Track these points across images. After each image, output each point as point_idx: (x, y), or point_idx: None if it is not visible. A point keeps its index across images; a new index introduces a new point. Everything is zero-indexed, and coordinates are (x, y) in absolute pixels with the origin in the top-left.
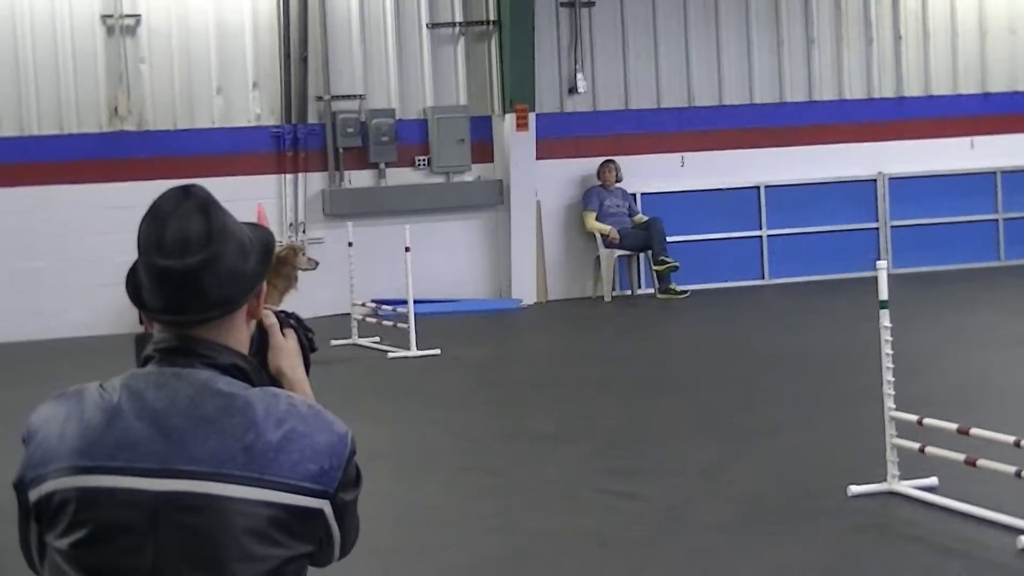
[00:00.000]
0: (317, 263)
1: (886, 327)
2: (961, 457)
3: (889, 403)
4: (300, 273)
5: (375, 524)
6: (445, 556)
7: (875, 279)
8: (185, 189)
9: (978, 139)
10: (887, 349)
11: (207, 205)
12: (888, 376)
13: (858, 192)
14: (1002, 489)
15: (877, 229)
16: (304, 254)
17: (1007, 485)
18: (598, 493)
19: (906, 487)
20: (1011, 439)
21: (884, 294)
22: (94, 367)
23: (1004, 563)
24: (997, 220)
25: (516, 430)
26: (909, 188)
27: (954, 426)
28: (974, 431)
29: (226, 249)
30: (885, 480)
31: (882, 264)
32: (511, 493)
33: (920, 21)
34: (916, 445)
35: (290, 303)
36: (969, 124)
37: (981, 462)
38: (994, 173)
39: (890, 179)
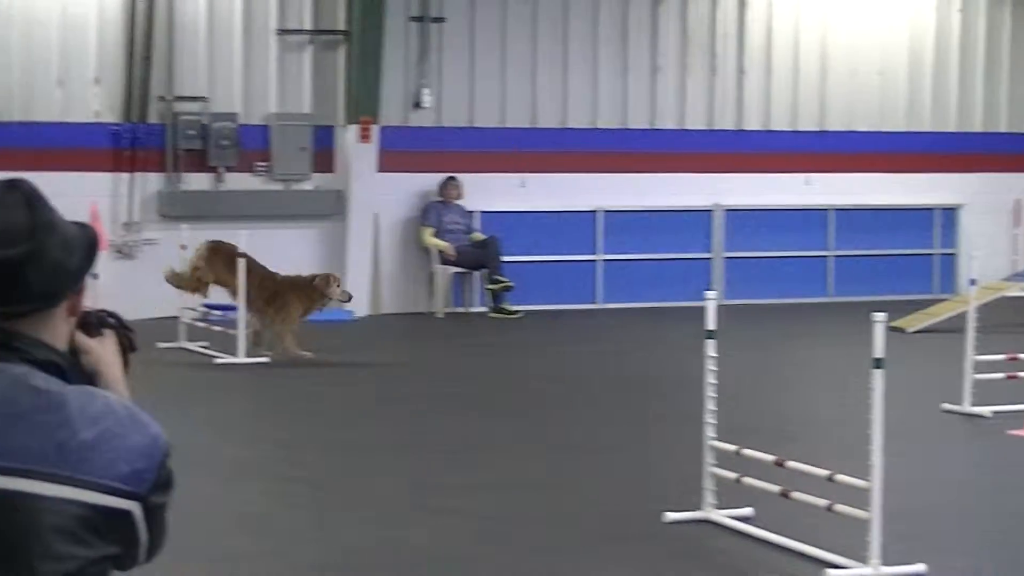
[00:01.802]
0: (351, 296)
1: (711, 357)
2: (777, 489)
3: (709, 432)
4: (140, 275)
5: (191, 530)
6: (257, 565)
7: (705, 308)
8: (11, 182)
9: (814, 176)
10: (711, 378)
11: (32, 199)
12: (710, 405)
13: (694, 221)
14: (815, 521)
15: (711, 259)
16: (339, 285)
17: (820, 518)
18: (422, 508)
19: (721, 516)
20: (825, 473)
21: (711, 324)
22: None
23: None
24: (827, 257)
25: (343, 442)
26: (744, 220)
27: (771, 458)
28: (790, 463)
29: (50, 243)
30: (701, 508)
31: (711, 294)
32: (333, 505)
33: (764, 56)
34: (734, 475)
35: (116, 304)
36: (806, 160)
37: (795, 494)
38: (827, 210)
39: (726, 210)
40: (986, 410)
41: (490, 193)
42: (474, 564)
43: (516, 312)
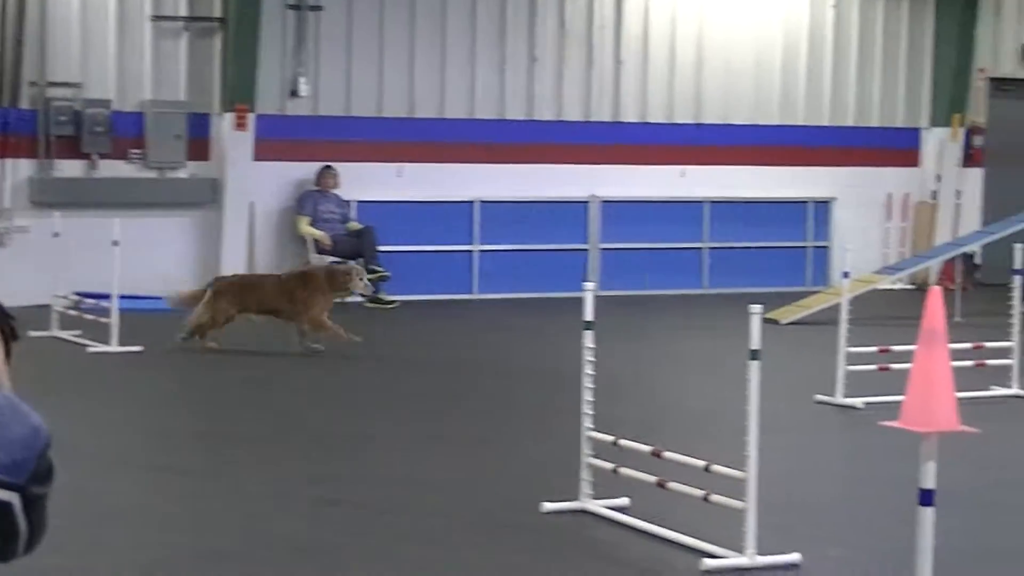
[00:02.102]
0: (375, 290)
1: (589, 348)
2: (653, 479)
3: (587, 423)
4: (11, 263)
5: (61, 520)
6: (127, 555)
7: (582, 299)
8: None
9: (689, 168)
10: (588, 369)
11: None
12: (587, 396)
13: (570, 212)
14: (691, 512)
15: (587, 250)
16: (362, 280)
17: (696, 508)
18: (296, 499)
19: (598, 506)
20: (701, 463)
21: (589, 315)
22: None
23: None
24: (702, 248)
25: (217, 432)
26: (620, 212)
27: (648, 448)
28: (667, 454)
29: None
30: (578, 498)
31: (589, 285)
32: (206, 495)
33: (641, 48)
34: (611, 465)
35: None
36: (681, 153)
37: (672, 485)
38: (702, 202)
39: (602, 202)
40: (858, 401)
41: (367, 182)
42: (348, 555)
43: (392, 302)
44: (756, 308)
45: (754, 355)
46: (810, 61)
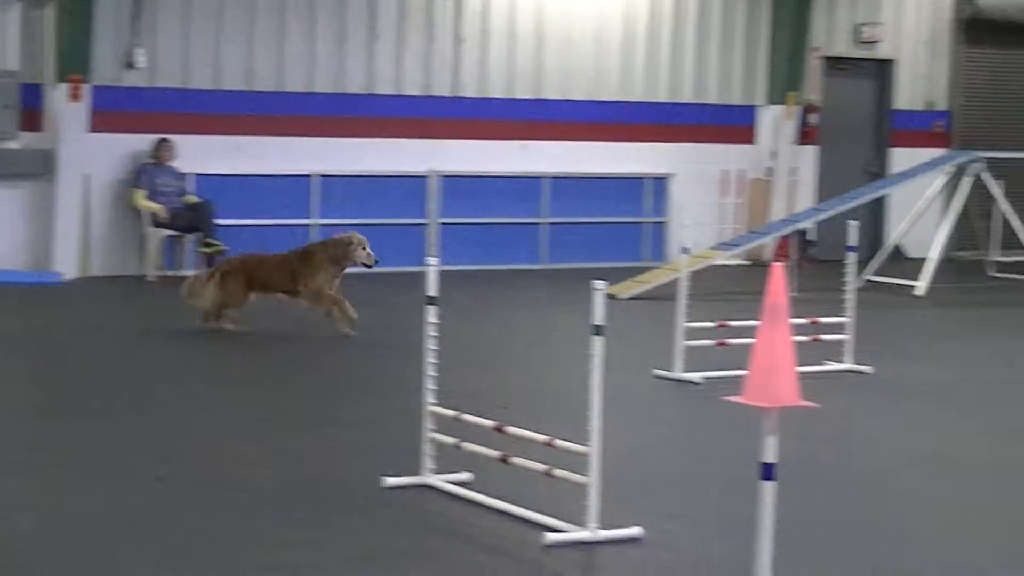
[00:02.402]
0: (377, 260)
1: (432, 323)
2: (496, 454)
3: (429, 397)
4: None
5: None
6: None
7: (424, 274)
8: None
9: (529, 143)
10: (431, 344)
11: None
12: (430, 371)
13: (410, 187)
14: (534, 486)
15: (427, 225)
16: (365, 249)
17: (539, 483)
18: (133, 475)
19: (440, 481)
20: (544, 438)
21: (432, 290)
22: None
23: (530, 558)
24: (541, 224)
25: (56, 407)
26: (460, 187)
27: (491, 423)
28: (509, 429)
29: None
30: (420, 473)
31: (432, 261)
32: (44, 471)
33: (481, 23)
34: (453, 440)
35: None
36: (521, 128)
37: (514, 459)
38: (542, 178)
39: (442, 176)
40: (697, 376)
41: (205, 155)
42: (188, 530)
43: None
44: (599, 284)
45: (597, 330)
46: (649, 38)
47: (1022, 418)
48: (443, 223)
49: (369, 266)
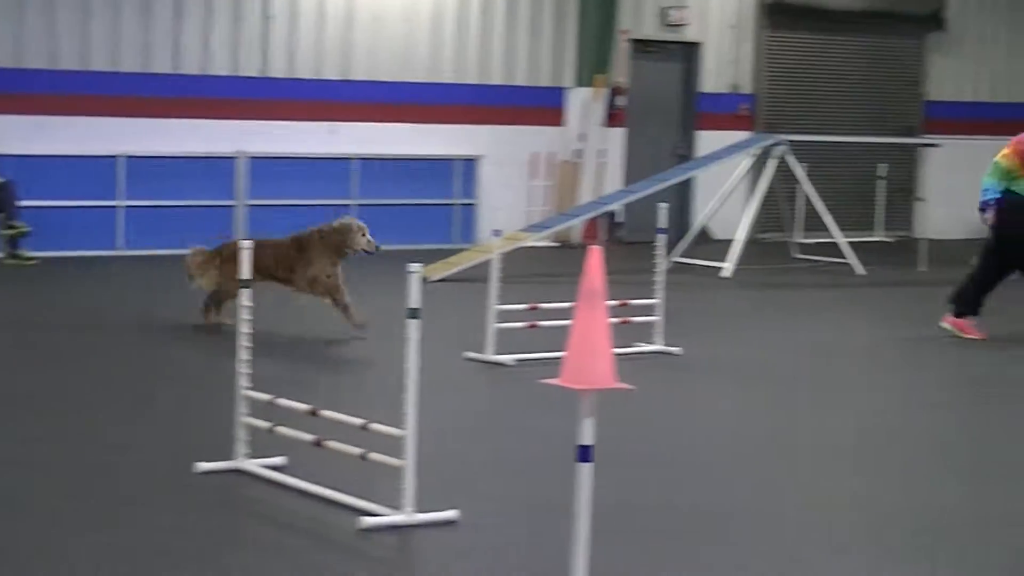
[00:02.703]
0: (378, 246)
1: (245, 306)
2: (310, 437)
3: (243, 382)
4: None
5: None
6: None
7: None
8: None
9: (338, 124)
10: (244, 328)
11: None
12: (244, 355)
13: (218, 168)
14: (350, 470)
15: (235, 206)
16: (365, 235)
17: (354, 466)
18: None
19: (254, 465)
20: (359, 422)
21: (247, 273)
22: None
23: (345, 542)
24: (351, 205)
25: None
26: (269, 168)
27: (305, 407)
28: (324, 413)
29: None
30: (234, 458)
31: (246, 243)
32: None
33: (290, 2)
34: (267, 424)
35: None
36: (331, 109)
37: (329, 443)
38: (351, 159)
39: (251, 158)
40: (508, 358)
41: (5, 135)
42: None
43: (32, 259)
44: (415, 267)
45: (413, 313)
46: (458, 19)
47: (822, 395)
48: (251, 205)
49: (370, 252)
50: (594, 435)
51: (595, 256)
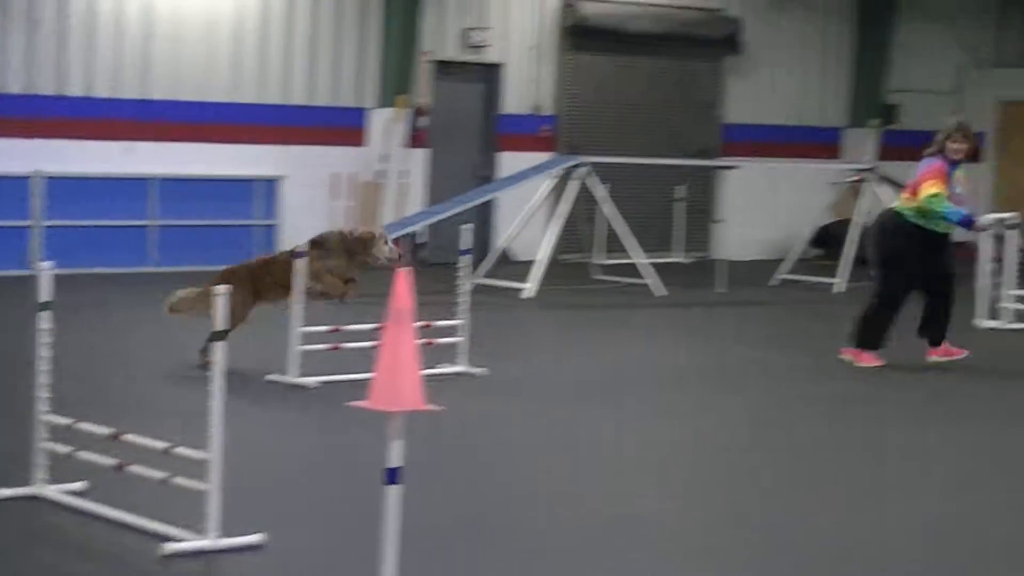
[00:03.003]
0: (401, 255)
1: (45, 328)
2: (111, 462)
3: (41, 406)
4: None
5: None
6: None
7: (30, 279)
8: None
9: (136, 144)
10: (44, 351)
11: None
12: (43, 379)
13: (13, 188)
14: (152, 495)
15: (31, 227)
16: (386, 243)
17: (157, 491)
18: None
19: (53, 491)
20: (162, 445)
21: (46, 295)
22: None
23: (148, 569)
24: (149, 226)
25: None
26: (66, 188)
27: (107, 431)
28: (127, 436)
29: None
30: (32, 484)
31: (46, 265)
32: None
33: (87, 19)
34: (67, 448)
35: None
36: (128, 128)
37: (132, 467)
38: (150, 179)
39: (47, 178)
40: (312, 380)
41: None
42: None
43: None
44: (221, 288)
45: (219, 336)
46: (259, 38)
47: (623, 412)
48: (48, 226)
49: (393, 262)
50: (402, 457)
51: (403, 277)
